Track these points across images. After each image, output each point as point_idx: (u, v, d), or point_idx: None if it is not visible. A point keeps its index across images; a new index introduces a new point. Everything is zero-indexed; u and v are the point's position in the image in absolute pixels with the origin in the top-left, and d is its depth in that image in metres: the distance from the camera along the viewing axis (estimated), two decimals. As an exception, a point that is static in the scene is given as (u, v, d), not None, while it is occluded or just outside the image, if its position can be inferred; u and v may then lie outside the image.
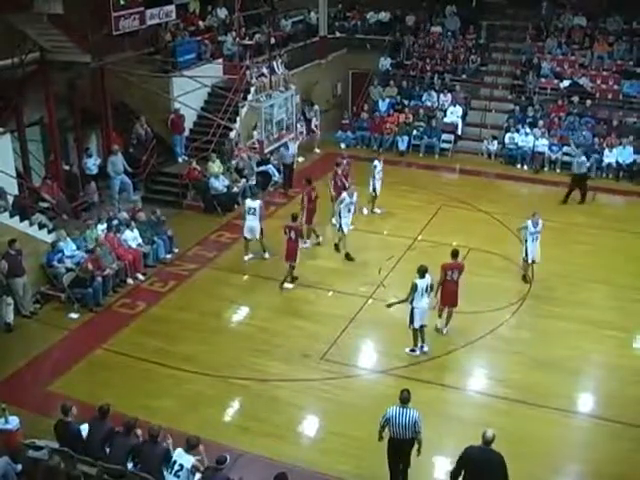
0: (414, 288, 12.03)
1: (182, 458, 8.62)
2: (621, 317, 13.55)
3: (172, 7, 18.05)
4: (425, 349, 12.49)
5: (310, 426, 11.04)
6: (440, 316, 12.95)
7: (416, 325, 12.30)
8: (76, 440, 9.14)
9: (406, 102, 24.21)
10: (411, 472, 9.90)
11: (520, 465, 9.68)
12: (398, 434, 9.04)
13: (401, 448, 9.17)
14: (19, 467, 8.82)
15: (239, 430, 10.73)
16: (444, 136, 22.96)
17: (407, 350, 12.50)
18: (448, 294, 12.70)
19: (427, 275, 12.17)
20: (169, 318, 13.81)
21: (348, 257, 15.63)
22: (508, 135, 22.21)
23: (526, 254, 14.72)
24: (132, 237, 15.54)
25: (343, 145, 23.64)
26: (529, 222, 14.60)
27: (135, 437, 9.05)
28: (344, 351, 12.66)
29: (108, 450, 9.11)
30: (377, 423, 9.18)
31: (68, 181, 17.39)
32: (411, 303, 12.15)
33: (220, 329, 13.58)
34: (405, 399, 9.04)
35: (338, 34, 26.37)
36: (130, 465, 8.97)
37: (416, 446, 9.09)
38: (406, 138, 23.00)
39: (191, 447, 8.64)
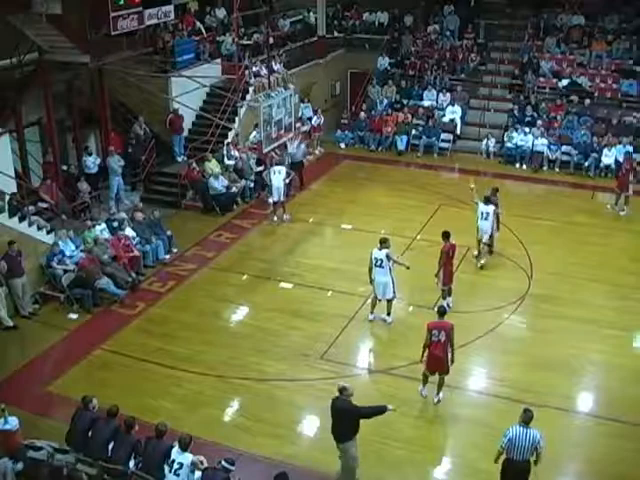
0: (370, 257, 12.87)
1: (181, 456, 8.67)
2: (621, 316, 13.53)
3: (171, 7, 18.03)
4: (388, 320, 13.27)
5: (310, 426, 11.02)
6: (425, 382, 11.28)
7: (379, 296, 13.10)
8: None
9: (405, 101, 24.21)
10: (411, 472, 9.94)
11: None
12: (517, 456, 8.59)
13: (520, 470, 8.71)
14: (20, 466, 8.84)
15: (239, 430, 10.73)
16: (443, 135, 22.95)
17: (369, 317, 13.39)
18: (433, 359, 10.91)
19: (384, 249, 12.79)
20: (168, 318, 13.81)
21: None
22: (507, 134, 22.23)
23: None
24: (132, 236, 15.56)
25: (342, 145, 23.65)
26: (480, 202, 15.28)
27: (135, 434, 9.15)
28: (343, 351, 12.66)
29: (111, 449, 9.17)
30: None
31: (67, 181, 17.38)
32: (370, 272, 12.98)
33: (219, 329, 13.57)
34: (529, 419, 8.59)
35: (336, 34, 26.39)
36: (132, 463, 9.04)
37: (533, 458, 8.66)
38: (405, 137, 22.98)
39: (185, 445, 8.71)
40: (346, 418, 9.14)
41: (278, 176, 17.57)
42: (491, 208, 15.13)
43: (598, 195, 19.60)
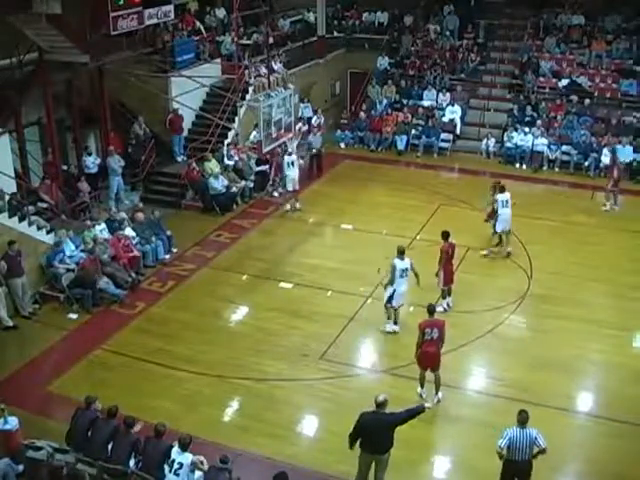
0: (393, 269, 12.56)
1: (181, 456, 8.68)
2: (621, 316, 13.55)
3: (170, 7, 18.02)
4: (396, 328, 13.04)
5: (309, 426, 11.04)
6: (422, 384, 11.33)
7: (395, 305, 12.86)
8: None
9: (405, 101, 24.21)
10: (410, 472, 9.93)
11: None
12: (518, 456, 8.66)
13: (521, 469, 8.78)
14: (20, 468, 8.84)
15: (238, 430, 10.73)
16: (443, 135, 22.95)
17: (385, 327, 13.02)
18: (426, 356, 10.99)
19: (406, 258, 12.64)
20: (168, 318, 13.81)
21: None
22: (507, 134, 22.22)
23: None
24: (132, 236, 15.55)
25: (342, 145, 23.65)
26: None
27: (135, 433, 9.16)
28: (343, 351, 12.66)
29: (110, 449, 9.18)
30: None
31: (67, 181, 17.37)
32: (392, 284, 12.65)
33: (219, 329, 13.56)
34: (524, 420, 8.67)
35: (336, 34, 26.41)
36: (132, 462, 9.05)
37: (536, 450, 8.72)
38: (405, 137, 22.99)
39: (185, 445, 8.71)
40: (388, 429, 8.99)
41: (292, 168, 18.01)
42: (508, 195, 15.41)
43: (598, 195, 19.58)
